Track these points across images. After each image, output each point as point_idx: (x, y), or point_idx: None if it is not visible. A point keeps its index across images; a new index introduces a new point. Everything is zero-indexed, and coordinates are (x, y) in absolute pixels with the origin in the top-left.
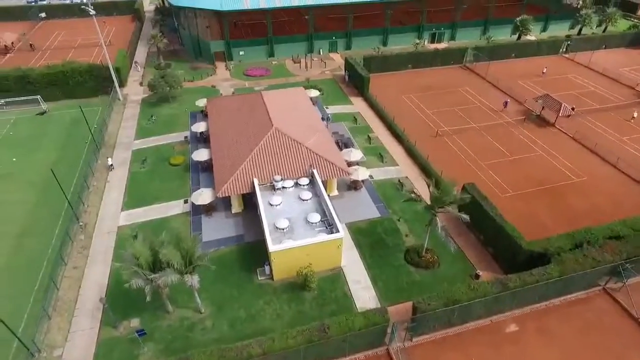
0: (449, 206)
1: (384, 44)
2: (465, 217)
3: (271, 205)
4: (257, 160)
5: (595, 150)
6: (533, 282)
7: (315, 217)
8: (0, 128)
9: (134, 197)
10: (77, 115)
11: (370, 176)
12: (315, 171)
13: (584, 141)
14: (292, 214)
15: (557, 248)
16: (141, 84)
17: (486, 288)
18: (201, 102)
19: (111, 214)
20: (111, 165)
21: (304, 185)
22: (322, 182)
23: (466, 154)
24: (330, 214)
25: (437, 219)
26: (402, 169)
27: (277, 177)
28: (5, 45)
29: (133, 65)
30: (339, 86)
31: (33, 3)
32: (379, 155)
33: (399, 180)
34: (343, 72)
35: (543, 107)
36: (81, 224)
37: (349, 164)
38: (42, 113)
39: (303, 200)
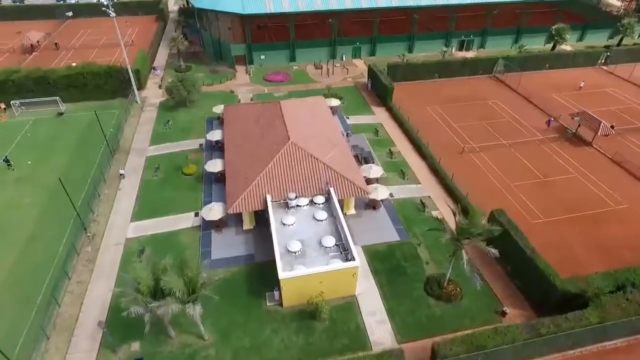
0: (476, 238)
1: (410, 50)
2: (494, 252)
3: (284, 224)
4: (271, 175)
5: (637, 175)
6: (568, 328)
7: (330, 241)
8: (19, 129)
9: (145, 208)
10: (95, 117)
11: (391, 195)
12: (332, 189)
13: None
14: (306, 235)
15: (596, 289)
16: (160, 86)
17: (515, 333)
18: (218, 109)
19: (120, 224)
20: (122, 174)
21: (319, 204)
22: (339, 200)
23: (494, 173)
24: (346, 237)
25: (463, 252)
26: (425, 187)
27: (292, 195)
28: (31, 45)
29: (152, 70)
30: (361, 94)
31: (61, 2)
32: (400, 171)
33: (420, 201)
34: (366, 80)
35: (579, 125)
36: (89, 234)
37: (369, 181)
38: (60, 114)
39: (318, 220)
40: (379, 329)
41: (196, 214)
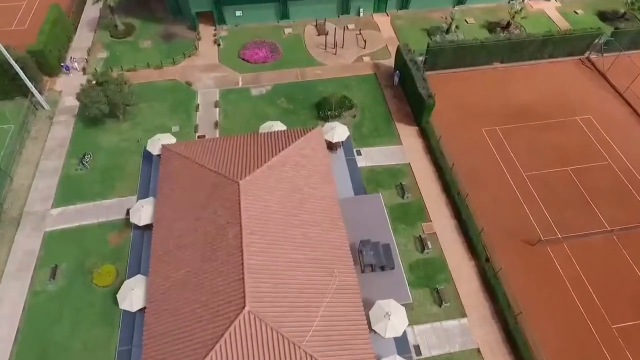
0: None
1: (460, 0)
2: None
3: None
4: None
5: None
6: None
7: None
8: None
9: None
10: None
11: (417, 349)
12: None
13: None
14: None
15: None
16: (84, 72)
17: None
18: (154, 147)
19: None
20: None
21: None
22: None
23: (587, 298)
24: None
25: None
26: (473, 328)
27: None
28: None
29: (64, 66)
30: (383, 95)
31: None
32: (434, 289)
33: None
34: (389, 60)
35: None
36: None
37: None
38: None
39: None
40: None
41: None
